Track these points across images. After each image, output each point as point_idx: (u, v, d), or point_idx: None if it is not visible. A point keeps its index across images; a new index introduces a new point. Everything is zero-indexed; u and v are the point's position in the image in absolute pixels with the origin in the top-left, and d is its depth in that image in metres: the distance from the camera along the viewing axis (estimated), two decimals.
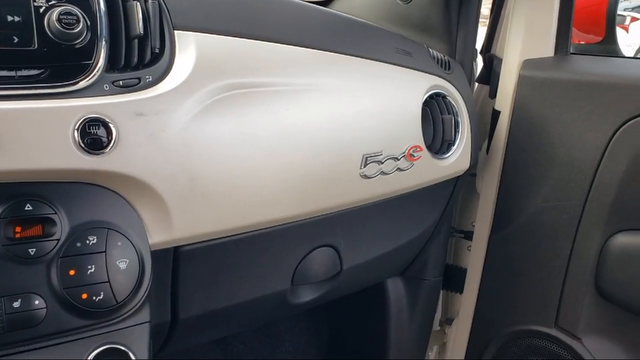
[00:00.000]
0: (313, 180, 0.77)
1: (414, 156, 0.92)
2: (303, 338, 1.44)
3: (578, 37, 1.26)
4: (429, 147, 0.97)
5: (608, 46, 1.19)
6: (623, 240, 1.06)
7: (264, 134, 0.71)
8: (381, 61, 0.91)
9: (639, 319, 1.08)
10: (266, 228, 0.75)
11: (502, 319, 1.22)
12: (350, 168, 0.82)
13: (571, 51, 1.15)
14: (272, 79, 0.73)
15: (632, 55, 3.78)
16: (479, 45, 1.27)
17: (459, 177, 1.08)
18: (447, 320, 1.43)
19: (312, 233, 0.83)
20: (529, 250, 1.16)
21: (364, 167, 0.83)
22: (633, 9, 5.43)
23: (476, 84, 1.28)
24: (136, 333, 0.61)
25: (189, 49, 0.65)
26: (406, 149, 0.90)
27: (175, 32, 0.65)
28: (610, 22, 1.21)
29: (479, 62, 1.28)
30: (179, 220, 0.64)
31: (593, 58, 1.20)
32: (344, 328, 1.40)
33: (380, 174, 0.87)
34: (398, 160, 0.89)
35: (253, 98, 0.71)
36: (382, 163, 0.86)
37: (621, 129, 1.02)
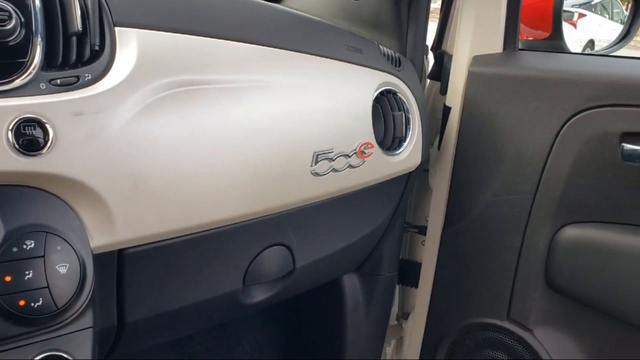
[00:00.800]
0: (262, 179, 0.76)
1: (365, 153, 0.92)
2: (261, 337, 1.43)
3: (526, 33, 1.28)
4: (380, 144, 0.97)
5: (555, 42, 1.22)
6: (571, 233, 1.09)
7: (209, 132, 0.69)
8: (331, 58, 0.90)
9: (588, 309, 1.11)
10: (215, 228, 0.73)
11: (456, 312, 1.24)
12: (301, 166, 0.81)
13: (519, 47, 1.17)
14: (217, 76, 0.72)
15: (580, 50, 3.89)
16: (430, 41, 1.28)
17: (411, 172, 1.08)
18: (404, 315, 1.45)
19: (263, 232, 0.82)
20: (480, 244, 1.18)
21: (315, 164, 0.83)
22: (580, 5, 5.60)
23: (428, 80, 1.30)
24: (79, 339, 0.60)
25: (130, 46, 0.63)
26: (357, 146, 0.90)
27: (116, 28, 0.63)
28: (557, 18, 1.24)
29: (431, 59, 1.29)
30: (122, 222, 0.62)
31: (540, 54, 1.22)
32: (302, 325, 1.40)
33: (331, 171, 0.86)
34: (349, 157, 0.89)
35: (198, 96, 0.69)
36: (333, 160, 0.86)
37: (568, 123, 1.05)
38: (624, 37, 1.33)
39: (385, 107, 0.99)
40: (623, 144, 0.98)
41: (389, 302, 1.30)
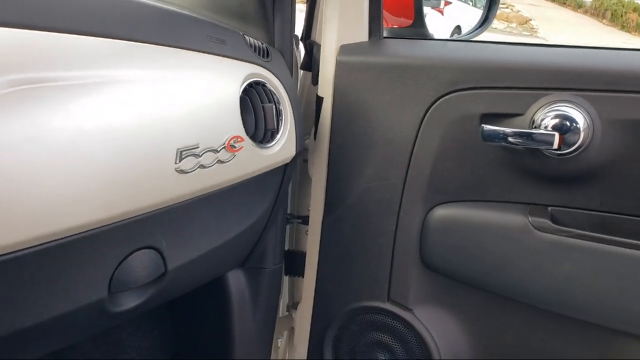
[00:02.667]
0: (120, 181, 0.72)
1: (235, 147, 0.90)
2: (147, 342, 1.38)
3: (391, 22, 1.32)
4: (252, 137, 0.95)
5: (418, 29, 1.26)
6: (441, 213, 1.13)
7: (55, 133, 0.64)
8: (192, 50, 0.87)
9: (462, 285, 1.17)
10: (70, 236, 0.68)
11: (341, 298, 1.26)
12: (164, 164, 0.78)
13: (384, 35, 1.20)
14: (63, 73, 0.67)
15: (449, 36, 4.09)
16: (300, 32, 1.28)
17: (287, 164, 1.08)
18: (294, 305, 1.45)
19: (126, 236, 0.78)
20: (358, 229, 1.20)
21: (180, 161, 0.80)
22: None
23: (301, 71, 1.30)
24: None
25: None
26: (226, 140, 0.88)
27: None
28: (418, 6, 1.29)
29: (302, 49, 1.29)
30: None
31: (404, 41, 1.26)
32: (189, 327, 1.36)
33: (198, 167, 0.83)
34: (218, 152, 0.87)
35: (41, 94, 0.64)
36: (200, 156, 0.83)
37: (431, 108, 1.09)
38: (483, 23, 1.41)
39: (254, 99, 0.97)
40: (482, 125, 1.03)
41: (275, 294, 1.30)
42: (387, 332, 1.22)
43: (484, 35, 1.43)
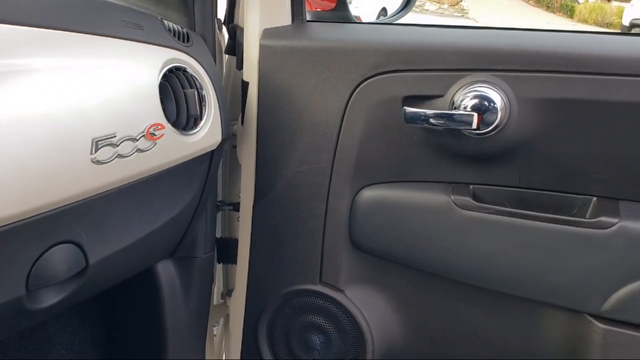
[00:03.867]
0: (33, 174, 0.69)
1: (155, 135, 0.88)
2: (77, 338, 1.34)
3: (315, 5, 1.31)
4: (174, 124, 0.93)
5: (340, 12, 1.27)
6: (368, 194, 1.15)
7: None
8: (106, 36, 0.84)
9: (390, 264, 1.19)
10: None
11: (274, 283, 1.26)
12: (78, 155, 0.75)
13: (307, 19, 1.20)
14: None
15: (375, 18, 4.13)
16: (223, 15, 1.26)
17: (213, 151, 1.06)
18: (228, 292, 1.44)
19: (43, 231, 0.75)
20: (289, 214, 1.20)
21: (95, 152, 0.77)
22: None
23: (226, 55, 1.28)
24: None
25: None
26: (145, 128, 0.86)
27: None
28: None
29: (226, 33, 1.27)
30: None
31: (328, 25, 1.26)
32: (120, 320, 1.34)
33: (116, 157, 0.81)
34: (137, 140, 0.84)
35: None
36: (118, 146, 0.81)
37: (356, 91, 1.10)
38: (406, 6, 1.43)
39: (175, 85, 0.95)
40: (405, 107, 1.05)
41: (208, 283, 1.29)
42: (320, 314, 1.23)
43: (413, 17, 1.45)
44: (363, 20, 2.05)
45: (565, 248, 1.04)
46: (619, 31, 12.54)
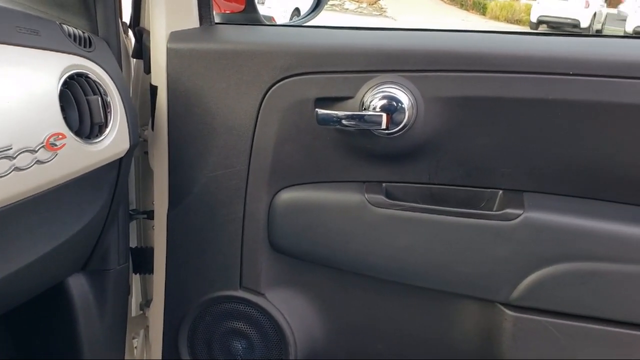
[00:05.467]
0: None
1: (56, 145, 0.84)
2: None
3: (223, 7, 1.30)
4: (77, 133, 0.90)
5: (250, 15, 1.26)
6: (285, 197, 1.15)
7: None
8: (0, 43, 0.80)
9: (310, 264, 1.20)
10: None
11: (193, 291, 1.24)
12: None
13: (216, 21, 1.18)
14: None
15: (289, 19, 4.15)
16: (128, 18, 1.22)
17: (122, 158, 1.03)
18: (147, 303, 1.40)
19: None
20: (206, 220, 1.19)
21: None
22: None
23: (134, 60, 1.24)
24: None
25: None
26: (45, 138, 0.82)
27: None
28: None
29: (132, 37, 1.23)
30: None
31: (237, 27, 1.25)
32: (31, 339, 1.27)
33: (13, 170, 0.77)
34: (36, 152, 0.80)
35: None
36: (15, 158, 0.77)
37: (268, 94, 1.10)
38: (316, 7, 1.43)
39: (77, 92, 0.91)
40: (317, 109, 1.06)
41: (123, 295, 1.25)
42: (241, 320, 1.22)
43: (333, 17, 1.45)
44: (276, 21, 2.04)
45: (474, 240, 1.08)
46: (526, 30, 13.20)
